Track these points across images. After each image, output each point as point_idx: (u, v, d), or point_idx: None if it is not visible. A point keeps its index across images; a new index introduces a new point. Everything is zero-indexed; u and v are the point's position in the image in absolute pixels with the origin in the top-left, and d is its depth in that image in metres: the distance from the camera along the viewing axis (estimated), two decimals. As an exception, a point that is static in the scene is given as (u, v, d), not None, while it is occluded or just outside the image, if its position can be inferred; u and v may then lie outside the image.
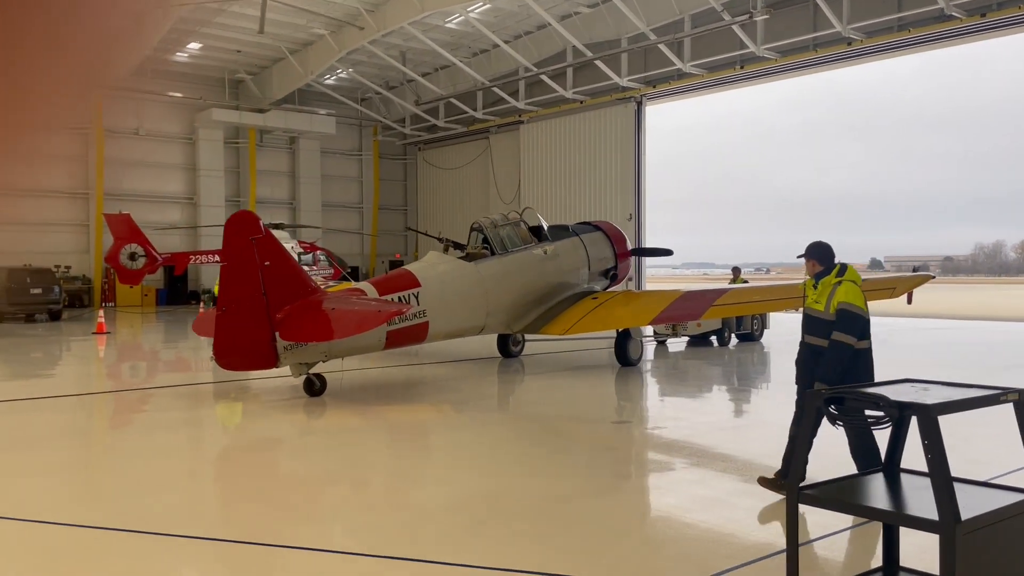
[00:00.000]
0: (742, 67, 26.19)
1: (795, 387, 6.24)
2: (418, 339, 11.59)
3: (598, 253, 14.68)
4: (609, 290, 14.76)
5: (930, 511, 3.26)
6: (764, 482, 6.07)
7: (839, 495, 3.57)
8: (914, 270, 13.24)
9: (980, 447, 7.38)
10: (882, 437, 4.11)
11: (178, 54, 31.49)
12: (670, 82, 28.24)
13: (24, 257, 27.44)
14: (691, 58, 26.89)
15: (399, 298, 11.15)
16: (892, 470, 3.91)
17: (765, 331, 18.53)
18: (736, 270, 19.32)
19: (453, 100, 33.90)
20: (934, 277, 11.58)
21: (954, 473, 5.19)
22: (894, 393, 3.59)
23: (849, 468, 4.25)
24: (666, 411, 10.79)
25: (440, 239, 14.19)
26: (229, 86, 34.53)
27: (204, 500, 6.63)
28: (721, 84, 27.95)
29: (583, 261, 14.35)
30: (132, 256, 28.33)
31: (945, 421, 3.37)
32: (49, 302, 24.86)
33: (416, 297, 11.37)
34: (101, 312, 22.87)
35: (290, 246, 29.70)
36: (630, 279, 29.24)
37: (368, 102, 38.00)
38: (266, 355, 9.97)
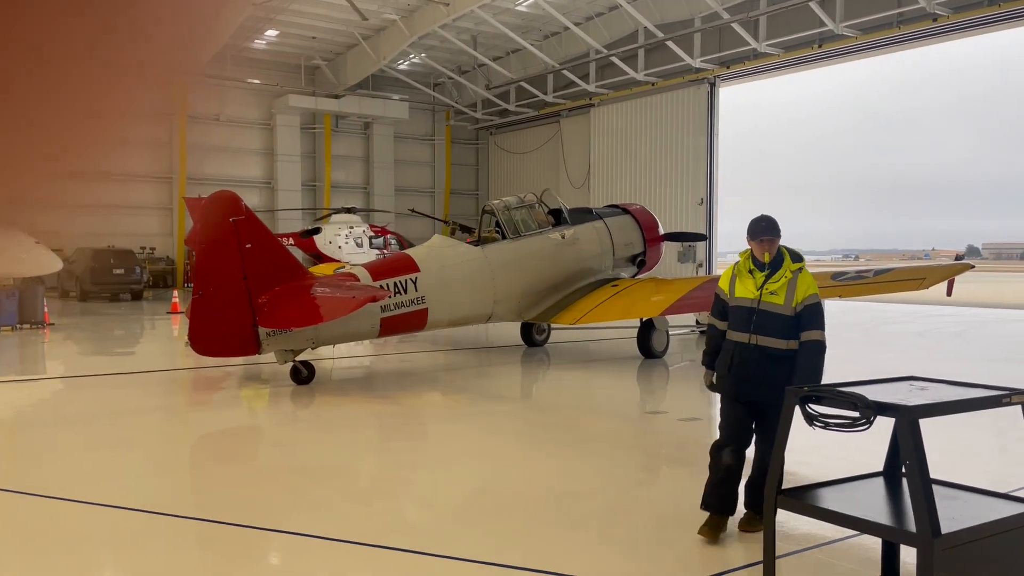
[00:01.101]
0: (820, 46, 25.12)
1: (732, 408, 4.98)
2: (417, 326, 11.15)
3: (624, 238, 13.83)
4: (638, 277, 13.95)
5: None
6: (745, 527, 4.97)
7: (818, 501, 3.31)
8: (957, 258, 12.21)
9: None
10: (870, 439, 3.81)
11: (256, 41, 32.24)
12: (744, 62, 27.35)
13: (113, 239, 28.65)
14: (766, 37, 25.97)
15: (394, 283, 10.74)
16: (893, 475, 3.62)
17: None
18: None
19: (524, 84, 33.71)
20: (972, 267, 10.51)
21: (996, 480, 4.82)
22: (881, 393, 3.30)
23: (843, 471, 3.93)
24: (699, 402, 10.45)
25: (446, 222, 13.95)
26: (305, 72, 35.18)
27: (184, 483, 6.73)
28: (798, 64, 26.87)
29: (606, 246, 13.56)
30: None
31: (995, 422, 3.08)
32: (131, 282, 25.91)
33: (414, 283, 10.92)
34: (176, 293, 23.69)
35: (362, 230, 30.17)
36: (700, 265, 28.66)
37: (440, 87, 38.17)
38: (247, 341, 9.64)
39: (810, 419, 3.33)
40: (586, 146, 33.63)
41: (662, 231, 14.81)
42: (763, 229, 4.89)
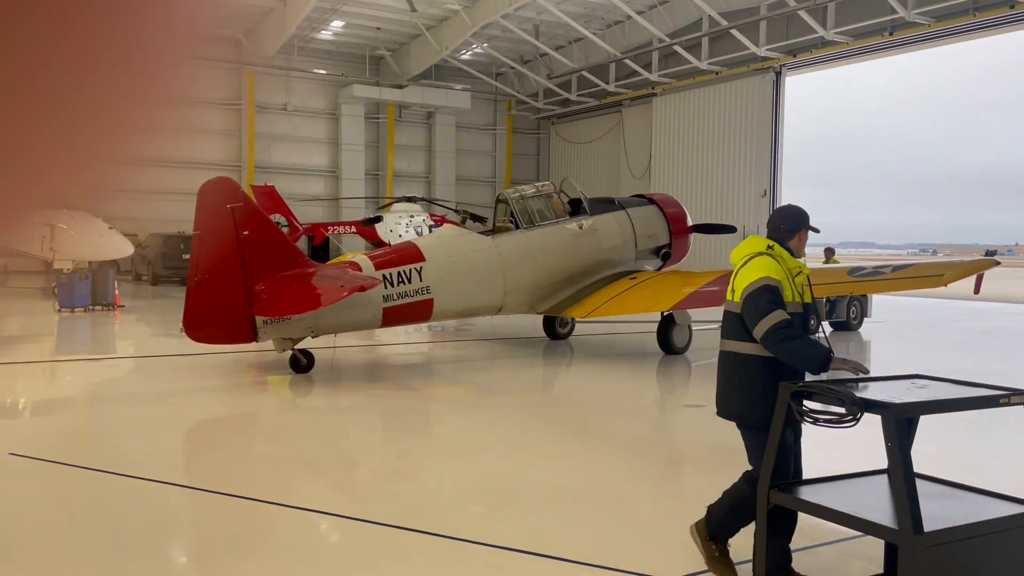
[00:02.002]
0: (891, 34, 24.36)
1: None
2: (422, 317, 11.01)
3: (647, 229, 13.32)
4: (663, 270, 13.47)
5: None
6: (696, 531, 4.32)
7: (810, 496, 3.32)
8: (986, 254, 11.46)
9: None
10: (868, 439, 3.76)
11: (323, 32, 32.87)
12: (812, 51, 26.70)
13: (184, 225, 29.64)
14: (835, 25, 25.30)
15: (398, 273, 10.62)
16: (897, 473, 3.60)
17: (864, 320, 16.77)
18: (829, 251, 18.18)
19: (585, 73, 33.56)
20: (998, 263, 9.74)
21: None
22: (878, 390, 3.29)
23: (844, 468, 3.89)
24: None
25: (457, 211, 13.73)
26: (370, 63, 35.72)
27: (222, 463, 7.01)
28: (868, 52, 26.12)
29: (628, 238, 13.07)
30: (276, 225, 30.03)
31: None
32: (199, 267, 26.77)
33: (419, 272, 10.77)
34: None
35: (422, 219, 30.55)
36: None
37: (503, 77, 38.27)
38: (243, 329, 9.61)
39: (800, 415, 3.34)
40: (648, 136, 33.34)
41: (691, 222, 14.24)
42: (808, 223, 4.32)
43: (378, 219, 30.46)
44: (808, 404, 3.31)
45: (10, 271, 27.41)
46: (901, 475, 2.91)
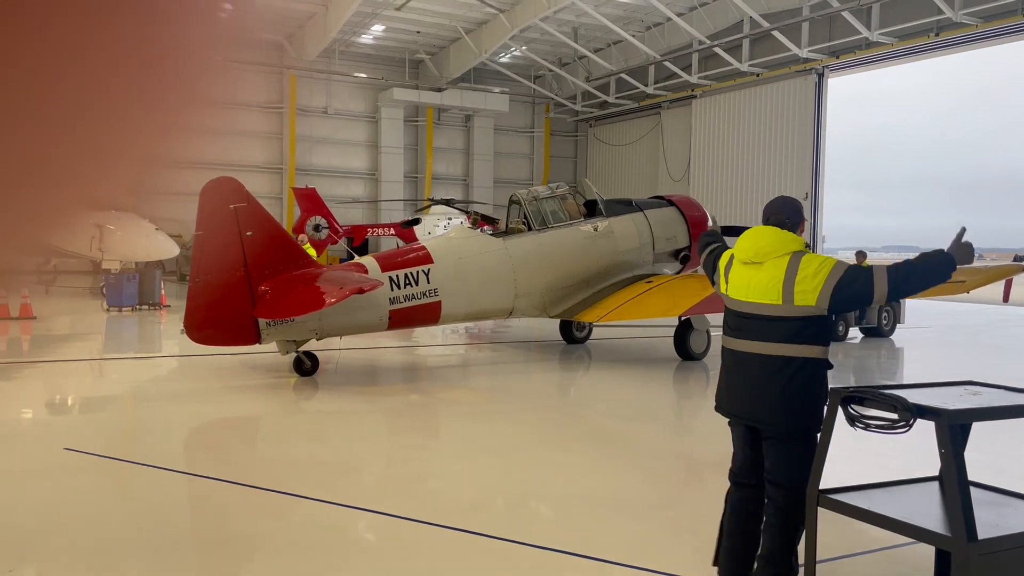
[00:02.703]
0: (937, 35, 23.95)
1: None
2: (430, 320, 10.81)
3: (665, 232, 12.93)
4: (682, 273, 13.04)
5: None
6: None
7: (860, 501, 3.29)
8: (1015, 259, 10.83)
9: None
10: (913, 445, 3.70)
11: (363, 36, 33.22)
12: (855, 52, 26.35)
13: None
14: (879, 26, 24.95)
15: (404, 275, 10.45)
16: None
17: (897, 326, 15.97)
18: (861, 254, 17.81)
19: (624, 76, 33.48)
20: None
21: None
22: (930, 396, 3.25)
23: (881, 476, 3.83)
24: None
25: (468, 212, 13.63)
26: (409, 66, 36.01)
27: (258, 458, 7.12)
28: (913, 54, 25.69)
29: (645, 240, 12.72)
30: (316, 227, 30.45)
31: None
32: (242, 268, 27.17)
33: (427, 275, 10.60)
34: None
35: (459, 221, 30.70)
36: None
37: (541, 79, 38.33)
38: (246, 330, 9.54)
39: (852, 420, 3.32)
40: (687, 138, 33.15)
41: (711, 224, 14.03)
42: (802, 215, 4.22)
43: (416, 221, 30.69)
44: (859, 409, 3.29)
45: (59, 271, 28.08)
46: (955, 482, 2.88)
